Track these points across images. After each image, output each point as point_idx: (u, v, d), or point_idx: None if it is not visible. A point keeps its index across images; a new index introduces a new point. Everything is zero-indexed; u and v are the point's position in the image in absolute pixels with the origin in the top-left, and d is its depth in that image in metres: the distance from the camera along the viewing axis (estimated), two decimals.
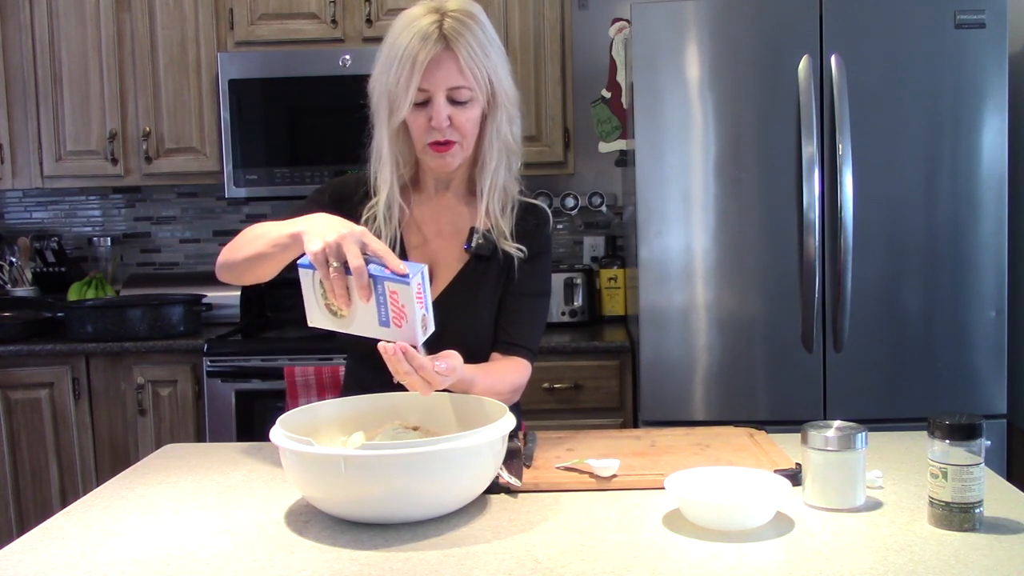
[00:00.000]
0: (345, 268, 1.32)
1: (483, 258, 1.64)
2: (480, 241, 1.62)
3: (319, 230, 1.34)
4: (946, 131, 2.55)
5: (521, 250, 1.64)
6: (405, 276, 1.30)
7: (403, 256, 1.63)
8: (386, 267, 1.32)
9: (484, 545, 1.18)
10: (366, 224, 1.60)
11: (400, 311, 1.33)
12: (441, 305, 1.59)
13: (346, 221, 1.38)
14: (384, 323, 1.34)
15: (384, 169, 1.61)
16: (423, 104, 1.53)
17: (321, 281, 1.35)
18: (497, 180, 1.62)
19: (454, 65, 1.50)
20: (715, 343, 2.63)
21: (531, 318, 1.68)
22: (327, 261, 1.31)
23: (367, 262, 1.32)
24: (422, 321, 1.34)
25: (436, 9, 1.51)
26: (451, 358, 1.39)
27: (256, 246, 1.48)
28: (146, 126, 3.20)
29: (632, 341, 2.88)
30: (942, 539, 1.17)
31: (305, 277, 1.38)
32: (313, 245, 1.32)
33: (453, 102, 1.53)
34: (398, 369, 1.32)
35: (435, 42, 1.48)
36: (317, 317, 1.39)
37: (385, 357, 1.32)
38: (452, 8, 1.52)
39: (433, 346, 1.38)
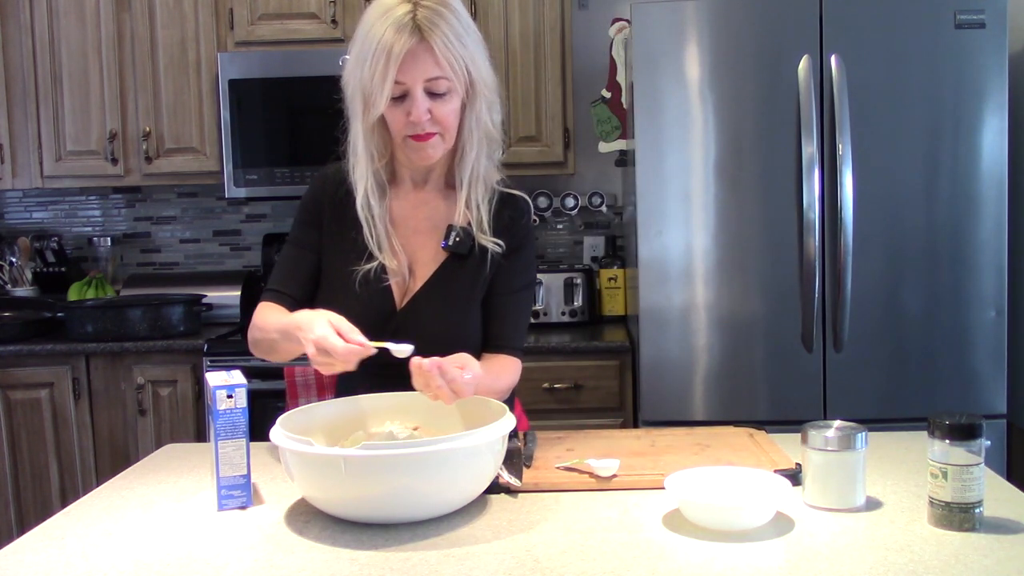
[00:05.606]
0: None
1: (460, 256, 1.60)
2: (457, 239, 1.59)
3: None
4: (946, 131, 2.55)
5: (499, 244, 1.60)
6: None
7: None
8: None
9: (484, 545, 1.18)
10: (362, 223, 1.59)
11: None
12: (419, 304, 1.58)
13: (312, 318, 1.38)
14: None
15: (359, 165, 1.59)
16: (400, 98, 1.49)
17: None
18: (478, 170, 1.59)
19: (430, 56, 1.46)
20: (715, 343, 2.63)
21: (516, 316, 1.66)
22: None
23: None
24: None
25: None
26: (471, 364, 1.36)
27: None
28: (146, 126, 3.20)
29: (632, 341, 2.88)
30: (942, 539, 1.17)
31: None
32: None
33: (431, 94, 1.49)
34: (431, 383, 1.31)
35: (410, 33, 1.44)
36: None
37: (417, 371, 1.31)
38: None
39: (412, 344, 1.38)
